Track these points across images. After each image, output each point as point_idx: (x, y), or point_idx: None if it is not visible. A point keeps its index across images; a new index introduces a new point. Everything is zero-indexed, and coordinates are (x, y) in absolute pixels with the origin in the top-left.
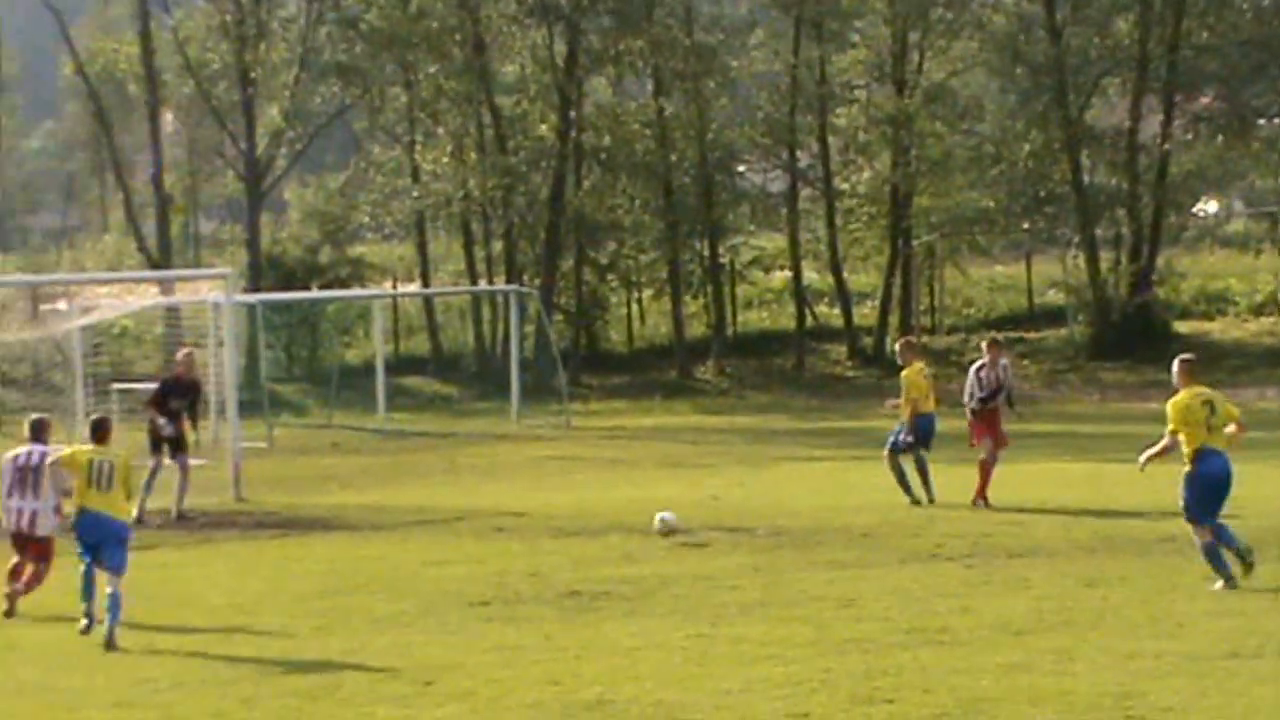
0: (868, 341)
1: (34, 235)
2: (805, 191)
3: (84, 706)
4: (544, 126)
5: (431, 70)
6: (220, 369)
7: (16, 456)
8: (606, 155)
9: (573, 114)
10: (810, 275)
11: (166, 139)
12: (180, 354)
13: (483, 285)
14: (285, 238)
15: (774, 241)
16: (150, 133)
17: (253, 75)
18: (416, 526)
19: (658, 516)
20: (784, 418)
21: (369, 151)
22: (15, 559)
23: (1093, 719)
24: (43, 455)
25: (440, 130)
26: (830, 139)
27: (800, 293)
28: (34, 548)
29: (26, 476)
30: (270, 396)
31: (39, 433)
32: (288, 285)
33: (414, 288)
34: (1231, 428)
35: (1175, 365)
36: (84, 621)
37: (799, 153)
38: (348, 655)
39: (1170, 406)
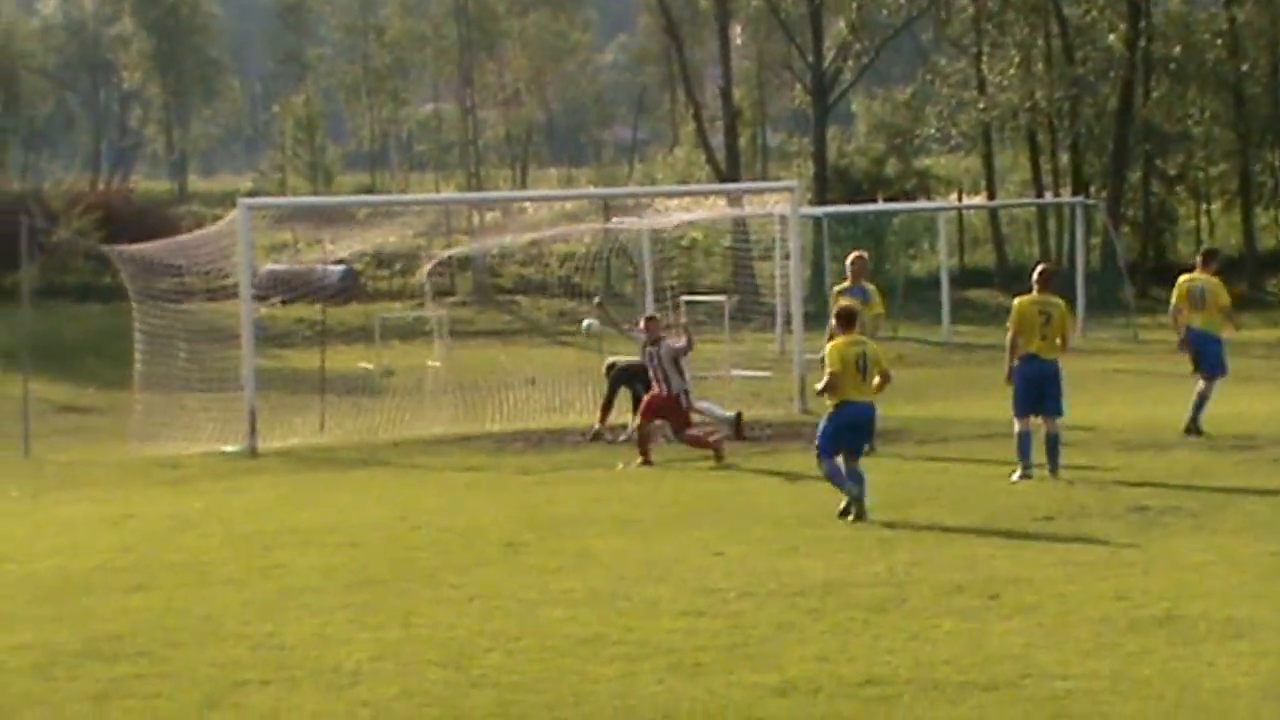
0: None
1: (606, 149)
2: None
3: (655, 615)
4: (1112, 36)
5: None
6: (786, 281)
7: None
8: (1176, 65)
9: (1142, 23)
10: None
11: (735, 52)
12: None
13: (1049, 197)
14: (852, 150)
15: None
16: (720, 46)
17: None
18: (981, 439)
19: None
20: None
21: (935, 63)
22: None
23: None
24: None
25: (1007, 40)
26: None
27: None
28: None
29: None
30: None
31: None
32: (854, 197)
33: (979, 200)
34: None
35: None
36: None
37: None
38: (913, 568)
39: None
